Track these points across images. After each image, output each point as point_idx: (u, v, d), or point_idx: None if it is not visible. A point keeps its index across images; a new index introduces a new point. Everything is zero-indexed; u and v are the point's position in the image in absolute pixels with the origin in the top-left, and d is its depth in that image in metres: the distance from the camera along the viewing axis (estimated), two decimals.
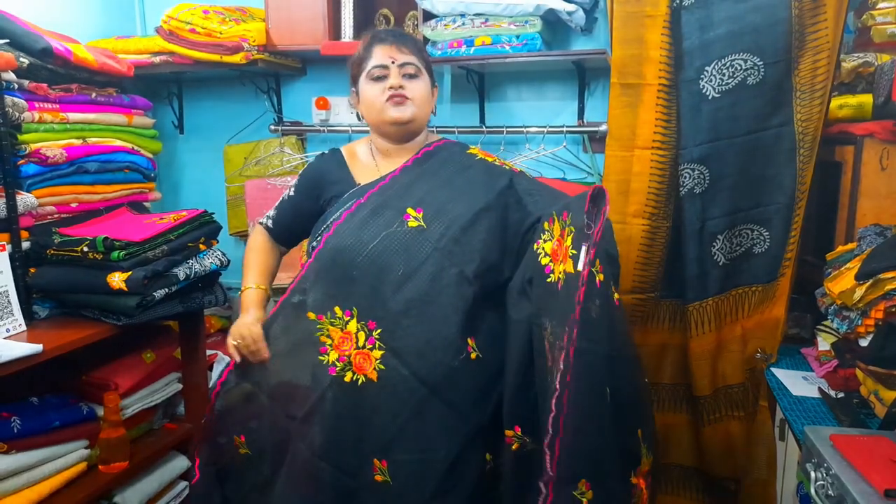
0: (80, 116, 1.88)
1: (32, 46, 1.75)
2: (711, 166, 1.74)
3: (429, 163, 1.52)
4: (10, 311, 1.61)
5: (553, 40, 2.18)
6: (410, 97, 1.48)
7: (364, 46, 1.52)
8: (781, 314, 1.80)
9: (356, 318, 1.39)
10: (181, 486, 2.06)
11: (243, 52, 2.18)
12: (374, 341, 1.37)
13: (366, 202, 1.45)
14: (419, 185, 1.47)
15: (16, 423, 1.56)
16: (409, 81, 1.48)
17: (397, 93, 1.47)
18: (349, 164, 1.58)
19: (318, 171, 1.61)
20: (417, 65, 1.50)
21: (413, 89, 1.49)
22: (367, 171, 1.55)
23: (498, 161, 1.59)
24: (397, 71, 1.47)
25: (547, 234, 1.36)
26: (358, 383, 1.37)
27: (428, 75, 1.54)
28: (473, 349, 1.38)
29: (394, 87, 1.47)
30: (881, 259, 1.40)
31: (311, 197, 1.56)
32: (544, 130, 2.16)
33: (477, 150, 1.60)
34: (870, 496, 0.97)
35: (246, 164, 2.56)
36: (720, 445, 1.88)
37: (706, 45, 1.69)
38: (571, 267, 1.23)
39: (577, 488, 1.17)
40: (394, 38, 1.50)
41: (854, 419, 1.37)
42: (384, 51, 1.48)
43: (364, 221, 1.42)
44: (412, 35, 1.61)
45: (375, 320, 1.37)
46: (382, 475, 1.36)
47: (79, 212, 1.91)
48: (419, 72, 1.50)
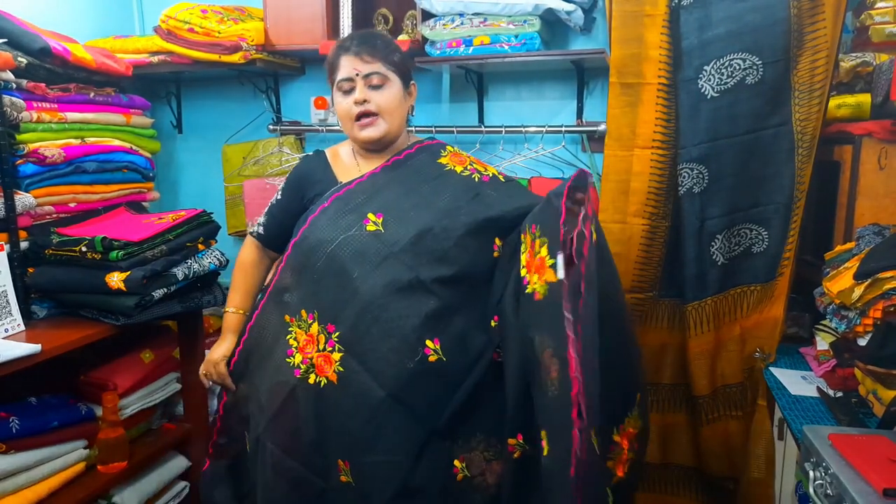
0: (78, 116, 1.88)
1: (30, 46, 1.75)
2: (710, 166, 1.74)
3: (398, 170, 1.52)
4: (8, 311, 1.61)
5: (552, 40, 2.18)
6: (378, 111, 1.47)
7: (332, 54, 1.50)
8: (780, 314, 1.80)
9: (317, 321, 1.41)
10: (180, 485, 2.06)
11: (242, 52, 2.18)
12: (334, 343, 1.39)
13: (329, 206, 1.47)
14: (384, 192, 1.48)
15: (14, 423, 1.55)
16: (375, 92, 1.46)
17: (364, 110, 1.46)
18: (332, 164, 1.59)
19: (302, 172, 1.62)
20: (383, 72, 1.46)
21: (380, 100, 1.46)
22: (349, 171, 1.56)
23: (470, 167, 1.56)
24: (362, 83, 1.45)
25: (523, 245, 1.37)
26: (320, 385, 1.39)
27: (400, 77, 1.50)
28: (434, 352, 1.36)
29: (359, 101, 1.45)
30: (880, 258, 1.41)
31: (297, 197, 1.57)
32: (543, 130, 2.16)
33: (448, 158, 1.57)
34: (868, 495, 0.97)
35: (244, 163, 2.55)
36: (719, 445, 1.88)
37: (705, 45, 1.69)
38: (553, 276, 1.23)
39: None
40: (357, 47, 1.46)
41: (853, 418, 1.37)
42: (349, 62, 1.46)
43: (326, 224, 1.45)
44: (381, 35, 1.53)
45: (334, 323, 1.39)
46: (346, 476, 1.38)
47: (77, 212, 1.91)
48: (385, 79, 1.47)
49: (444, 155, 1.57)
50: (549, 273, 1.23)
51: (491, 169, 1.59)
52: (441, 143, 1.62)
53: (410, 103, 1.57)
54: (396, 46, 1.53)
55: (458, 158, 1.58)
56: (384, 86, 1.47)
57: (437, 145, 1.60)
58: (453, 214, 1.45)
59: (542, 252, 1.27)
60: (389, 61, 1.48)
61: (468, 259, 1.43)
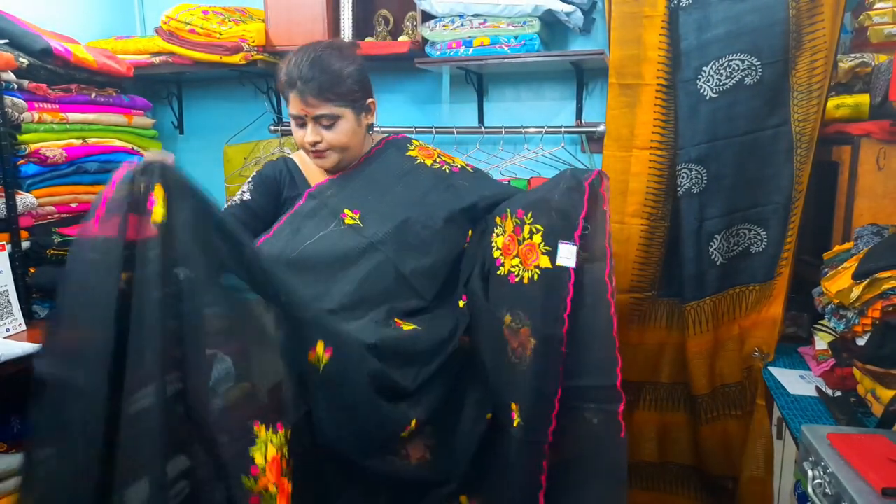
0: (79, 116, 1.89)
1: (32, 47, 1.76)
2: (709, 166, 1.74)
3: (370, 167, 1.54)
4: (9, 310, 1.62)
5: (551, 41, 2.18)
6: (329, 147, 1.47)
7: (280, 85, 1.48)
8: (779, 313, 1.81)
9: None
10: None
11: (243, 53, 2.19)
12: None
13: (304, 203, 1.49)
14: (358, 189, 1.50)
15: (16, 423, 1.56)
16: (326, 131, 1.45)
17: (315, 149, 1.47)
18: (303, 169, 1.59)
19: (272, 172, 1.60)
20: (331, 112, 1.43)
21: (331, 138, 1.46)
22: (319, 175, 1.57)
23: (439, 159, 1.59)
24: (312, 124, 1.45)
25: (499, 228, 1.41)
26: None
27: (351, 107, 1.46)
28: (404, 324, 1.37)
29: (310, 142, 1.46)
30: (878, 258, 1.41)
31: (268, 198, 1.55)
32: (543, 131, 2.16)
33: (417, 151, 1.59)
34: (867, 494, 0.97)
35: (246, 164, 2.56)
36: (718, 444, 1.88)
37: (704, 46, 1.70)
38: (548, 263, 1.25)
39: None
40: (303, 86, 1.41)
41: (851, 418, 1.37)
42: (295, 100, 1.43)
43: (301, 221, 1.45)
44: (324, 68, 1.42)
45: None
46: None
47: (79, 212, 1.91)
48: (335, 117, 1.44)
49: (411, 148, 1.60)
50: (543, 259, 1.26)
51: (459, 161, 1.63)
52: (406, 138, 1.65)
53: (369, 122, 1.54)
54: (345, 72, 1.44)
55: (426, 151, 1.60)
56: (334, 124, 1.46)
57: (403, 139, 1.63)
58: (429, 206, 1.47)
59: (534, 239, 1.30)
60: (337, 97, 1.43)
61: (446, 249, 1.46)
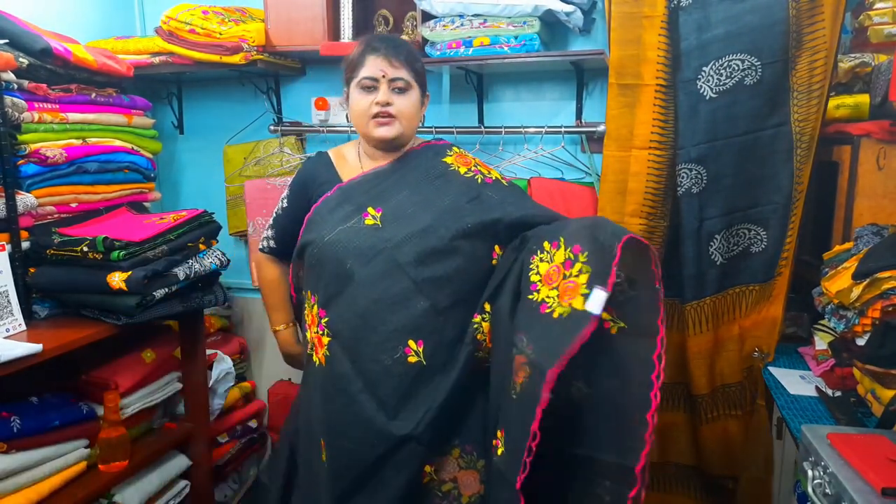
0: (79, 116, 1.88)
1: (32, 46, 1.75)
2: (709, 166, 1.74)
3: (403, 168, 1.54)
4: (9, 310, 1.62)
5: (551, 41, 2.18)
6: (397, 114, 1.48)
7: (358, 52, 1.51)
8: (779, 313, 1.81)
9: (317, 304, 1.45)
10: (181, 484, 2.06)
11: (243, 53, 2.19)
12: (324, 328, 1.43)
13: (332, 196, 1.51)
14: (387, 188, 1.50)
15: (16, 422, 1.56)
16: (397, 97, 1.48)
17: (384, 110, 1.47)
18: (336, 165, 1.61)
19: (306, 175, 1.64)
20: (408, 79, 1.49)
21: (400, 105, 1.48)
22: (354, 171, 1.57)
23: (474, 168, 1.57)
24: (387, 86, 1.47)
25: (545, 254, 1.32)
26: (315, 364, 1.46)
27: (419, 86, 1.53)
28: (416, 354, 1.37)
29: (381, 103, 1.47)
30: (878, 258, 1.41)
31: (304, 201, 1.58)
32: (542, 130, 2.16)
33: (454, 158, 1.58)
34: (867, 494, 0.97)
35: (245, 164, 2.56)
36: (718, 444, 1.89)
37: (704, 46, 1.70)
38: (581, 304, 1.16)
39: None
40: (387, 50, 1.48)
41: (851, 418, 1.37)
42: (376, 62, 1.47)
43: (327, 213, 1.48)
44: (407, 43, 1.55)
45: (325, 309, 1.43)
46: (324, 455, 1.42)
47: (78, 212, 1.91)
48: (409, 86, 1.49)
49: (449, 154, 1.59)
50: (578, 300, 1.17)
51: (494, 172, 1.60)
52: (448, 144, 1.63)
53: (423, 112, 1.60)
54: (419, 56, 1.56)
55: (463, 159, 1.59)
56: (406, 91, 1.49)
57: (444, 145, 1.62)
58: (453, 215, 1.45)
59: (580, 279, 1.20)
60: (414, 69, 1.51)
61: (462, 261, 1.42)
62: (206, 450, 2.10)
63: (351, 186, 1.52)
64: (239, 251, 2.66)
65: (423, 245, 1.41)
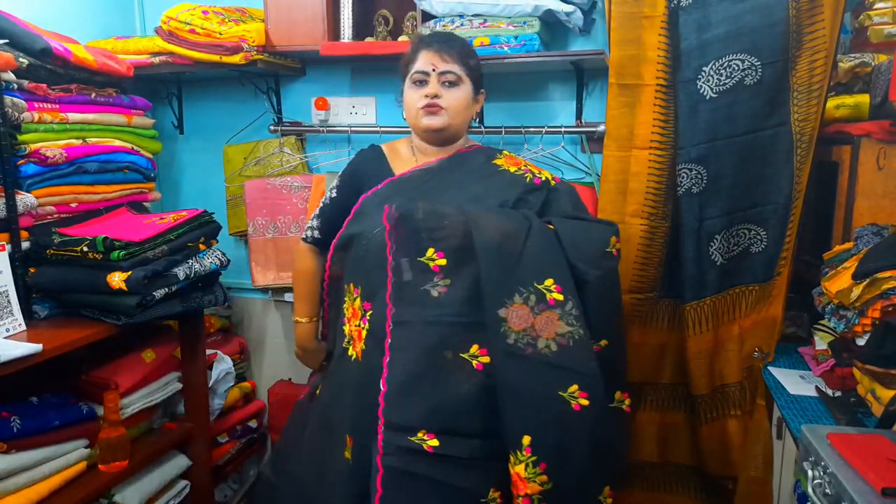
0: (79, 116, 1.88)
1: (32, 46, 1.75)
2: (709, 166, 1.74)
3: (453, 166, 1.57)
4: (9, 310, 1.62)
5: (551, 41, 2.18)
6: (445, 106, 1.52)
7: (411, 49, 1.57)
8: (778, 313, 1.81)
9: (360, 297, 1.45)
10: (181, 484, 2.06)
11: (243, 53, 2.18)
12: (367, 321, 1.42)
13: (382, 189, 1.53)
14: (435, 184, 1.52)
15: (16, 422, 1.56)
16: (447, 90, 1.52)
17: (431, 101, 1.51)
18: (389, 159, 1.64)
19: (357, 167, 1.68)
20: (458, 73, 1.52)
21: (449, 98, 1.52)
22: (406, 165, 1.60)
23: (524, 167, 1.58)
24: (436, 79, 1.51)
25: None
26: (351, 358, 1.45)
27: (471, 82, 1.56)
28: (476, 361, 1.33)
29: (429, 95, 1.51)
30: (878, 258, 1.41)
31: (353, 191, 1.60)
32: (542, 131, 2.16)
33: (504, 160, 1.60)
34: (867, 494, 0.97)
35: (245, 164, 2.56)
36: (717, 444, 1.89)
37: (704, 46, 1.70)
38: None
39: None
40: (438, 45, 1.53)
41: (851, 418, 1.37)
42: (427, 57, 1.52)
43: (376, 206, 1.48)
44: (462, 40, 1.60)
45: (370, 302, 1.43)
46: (348, 452, 1.41)
47: (79, 212, 1.91)
48: (459, 80, 1.53)
49: (499, 157, 1.61)
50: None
51: (545, 173, 1.61)
52: (498, 149, 1.67)
53: (476, 109, 1.63)
54: (474, 53, 1.59)
55: (513, 160, 1.62)
56: (456, 85, 1.53)
57: (494, 149, 1.66)
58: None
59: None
60: (466, 64, 1.54)
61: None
62: (206, 450, 2.10)
63: (401, 181, 1.54)
64: (239, 251, 2.66)
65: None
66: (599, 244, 1.42)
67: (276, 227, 2.48)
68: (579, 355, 1.31)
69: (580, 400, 1.29)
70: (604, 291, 1.41)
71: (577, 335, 1.31)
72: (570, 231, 1.42)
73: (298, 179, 2.44)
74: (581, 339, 1.31)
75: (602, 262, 1.41)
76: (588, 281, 1.38)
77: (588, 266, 1.39)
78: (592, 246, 1.42)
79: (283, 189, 2.45)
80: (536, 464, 1.26)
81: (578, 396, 1.29)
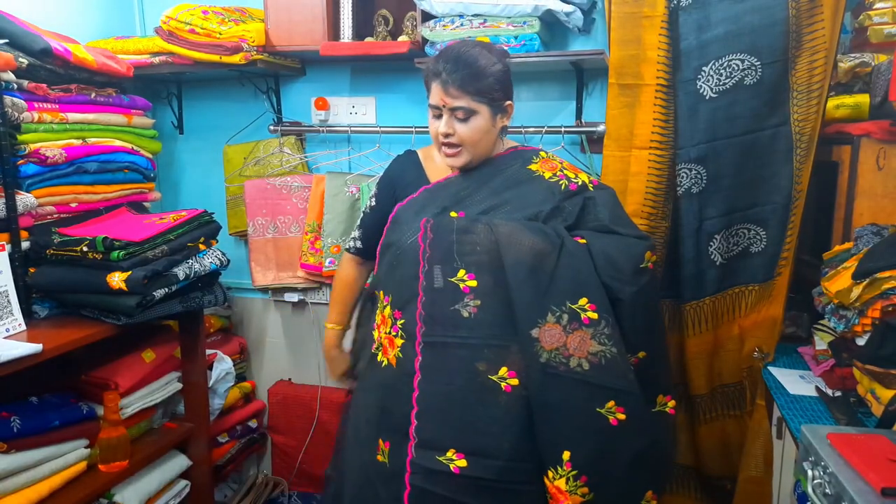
0: (79, 116, 1.88)
1: (32, 46, 1.75)
2: (708, 166, 1.74)
3: (487, 173, 1.53)
4: (9, 310, 1.62)
5: (551, 41, 2.18)
6: (460, 142, 1.47)
7: (424, 75, 1.50)
8: (778, 313, 1.81)
9: (390, 305, 1.45)
10: (181, 484, 2.06)
11: (243, 53, 2.18)
12: (398, 330, 1.42)
13: (417, 197, 1.52)
14: (469, 193, 1.50)
15: (16, 422, 1.56)
16: (460, 124, 1.45)
17: (446, 141, 1.48)
18: (424, 165, 1.62)
19: (393, 174, 1.66)
20: (469, 106, 1.43)
21: (463, 133, 1.45)
22: (441, 172, 1.58)
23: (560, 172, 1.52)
24: (448, 115, 1.45)
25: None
26: (382, 365, 1.45)
27: (489, 104, 1.45)
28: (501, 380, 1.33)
29: (442, 133, 1.46)
30: (878, 258, 1.41)
31: (390, 198, 1.59)
32: (542, 131, 2.16)
33: (539, 164, 1.55)
34: (867, 494, 0.97)
35: (245, 164, 2.56)
36: (716, 444, 1.89)
37: (704, 46, 1.70)
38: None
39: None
40: (447, 76, 1.42)
41: (851, 418, 1.37)
42: (437, 90, 1.45)
43: (411, 215, 1.48)
44: (472, 63, 1.43)
45: (401, 311, 1.42)
46: (383, 456, 1.41)
47: (78, 212, 1.91)
48: (471, 112, 1.44)
49: (535, 161, 1.56)
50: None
51: (582, 175, 1.54)
52: (536, 150, 1.61)
53: (504, 123, 1.53)
54: (489, 70, 1.44)
55: (548, 164, 1.55)
56: (469, 119, 1.45)
57: (531, 151, 1.60)
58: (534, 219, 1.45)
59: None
60: (478, 92, 1.43)
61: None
62: (206, 449, 2.10)
63: (436, 189, 1.53)
64: (239, 251, 2.66)
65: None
66: (633, 260, 1.39)
67: (276, 227, 2.48)
68: (614, 372, 1.31)
69: (618, 415, 1.30)
70: (639, 307, 1.38)
71: (610, 353, 1.31)
72: (604, 248, 1.39)
73: (298, 179, 2.44)
74: (614, 357, 1.31)
75: (636, 278, 1.38)
76: (622, 299, 1.36)
77: (622, 284, 1.36)
78: (626, 263, 1.38)
79: (283, 189, 2.45)
80: (577, 477, 1.28)
81: (616, 412, 1.30)
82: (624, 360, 1.33)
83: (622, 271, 1.37)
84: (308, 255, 2.41)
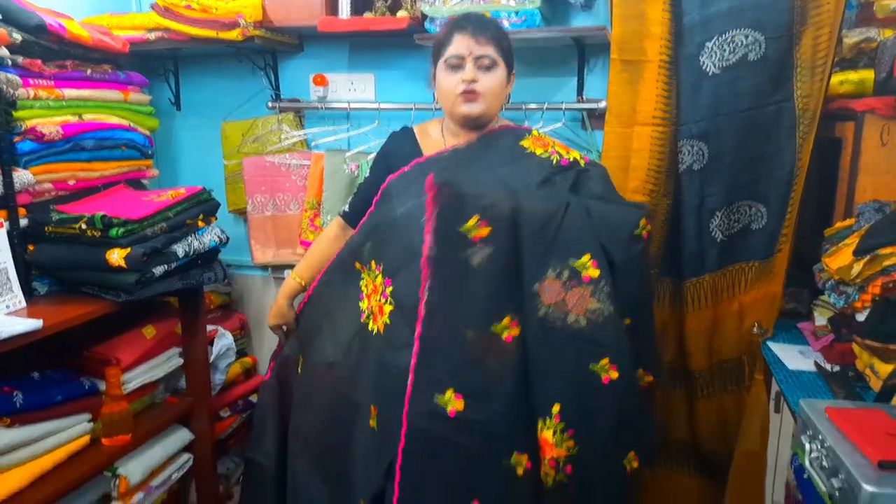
0: (75, 93, 1.86)
1: (26, 22, 1.73)
2: (710, 143, 1.73)
3: (479, 148, 1.56)
4: (9, 287, 1.62)
5: (552, 16, 2.15)
6: (482, 91, 1.51)
7: (445, 32, 1.54)
8: (778, 290, 1.81)
9: (381, 274, 1.47)
10: (184, 457, 2.08)
11: (239, 29, 2.15)
12: (387, 297, 1.44)
13: (408, 171, 1.53)
14: (462, 167, 1.51)
15: (18, 397, 1.57)
16: (483, 74, 1.51)
17: (469, 87, 1.50)
18: (420, 140, 1.65)
19: (388, 148, 1.70)
20: (494, 56, 1.51)
21: (486, 83, 1.51)
22: (436, 147, 1.60)
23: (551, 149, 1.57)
24: (472, 63, 1.50)
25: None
26: (373, 333, 1.47)
27: (506, 64, 1.54)
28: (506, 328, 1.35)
29: (466, 80, 1.50)
30: (880, 235, 1.41)
31: (384, 171, 1.60)
32: (543, 107, 2.14)
33: (531, 142, 1.59)
34: (864, 467, 0.98)
35: (244, 141, 2.54)
36: (714, 420, 1.90)
37: (707, 21, 1.68)
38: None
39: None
40: (473, 28, 1.50)
41: (849, 392, 1.38)
42: (462, 40, 1.50)
43: (402, 187, 1.49)
44: (495, 21, 1.58)
45: (391, 278, 1.44)
46: (373, 421, 1.43)
47: (76, 189, 1.90)
48: (495, 63, 1.52)
49: (527, 138, 1.60)
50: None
51: (574, 153, 1.60)
52: (528, 129, 1.66)
53: (509, 91, 1.61)
54: (506, 34, 1.57)
55: (540, 142, 1.60)
56: (492, 69, 1.52)
57: (523, 130, 1.65)
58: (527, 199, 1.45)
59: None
60: (500, 46, 1.52)
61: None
62: (207, 424, 2.12)
63: (427, 163, 1.54)
64: (238, 228, 2.65)
65: None
66: (629, 226, 1.43)
67: (276, 204, 2.47)
68: (610, 331, 1.35)
69: (610, 373, 1.34)
70: (630, 273, 1.42)
71: (608, 311, 1.34)
72: (601, 211, 1.44)
73: (297, 156, 2.43)
74: (611, 315, 1.35)
75: (630, 244, 1.42)
76: (615, 262, 1.40)
77: (616, 248, 1.40)
78: (621, 228, 1.42)
79: (282, 166, 2.43)
80: (564, 430, 1.31)
81: (609, 369, 1.33)
82: (620, 321, 1.37)
83: (617, 236, 1.41)
84: (308, 232, 2.40)
